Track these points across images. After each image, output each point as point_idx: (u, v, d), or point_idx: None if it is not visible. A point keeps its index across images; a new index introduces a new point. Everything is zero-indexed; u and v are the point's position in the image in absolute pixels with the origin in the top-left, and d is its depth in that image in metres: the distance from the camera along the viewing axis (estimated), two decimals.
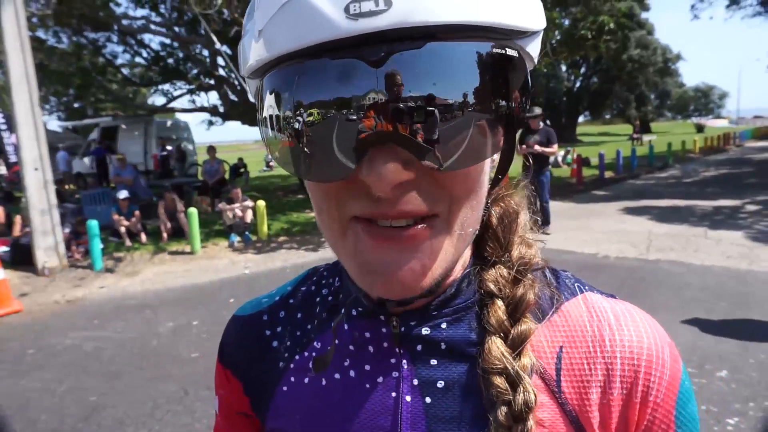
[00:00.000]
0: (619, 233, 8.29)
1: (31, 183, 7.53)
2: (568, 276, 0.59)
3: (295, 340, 0.61)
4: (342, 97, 0.40)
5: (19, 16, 7.27)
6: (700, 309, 4.87)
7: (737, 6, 24.91)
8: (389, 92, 0.39)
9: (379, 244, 0.45)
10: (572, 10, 12.90)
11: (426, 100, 0.40)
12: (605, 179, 15.78)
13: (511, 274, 0.53)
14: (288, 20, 0.40)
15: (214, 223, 10.24)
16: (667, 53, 42.66)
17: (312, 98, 0.41)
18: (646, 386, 0.51)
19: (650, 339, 0.52)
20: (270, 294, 0.69)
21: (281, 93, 0.43)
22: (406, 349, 0.53)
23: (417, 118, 0.40)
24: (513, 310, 0.52)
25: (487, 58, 0.41)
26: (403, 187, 0.43)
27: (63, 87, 16.37)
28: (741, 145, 33.25)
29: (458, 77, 0.40)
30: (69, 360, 4.51)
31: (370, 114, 0.40)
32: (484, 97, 0.41)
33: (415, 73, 0.39)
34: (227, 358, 0.67)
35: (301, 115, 0.42)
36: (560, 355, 0.52)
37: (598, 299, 0.55)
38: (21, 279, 7.26)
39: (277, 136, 0.45)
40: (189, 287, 6.66)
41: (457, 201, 0.46)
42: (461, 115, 0.41)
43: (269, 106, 0.45)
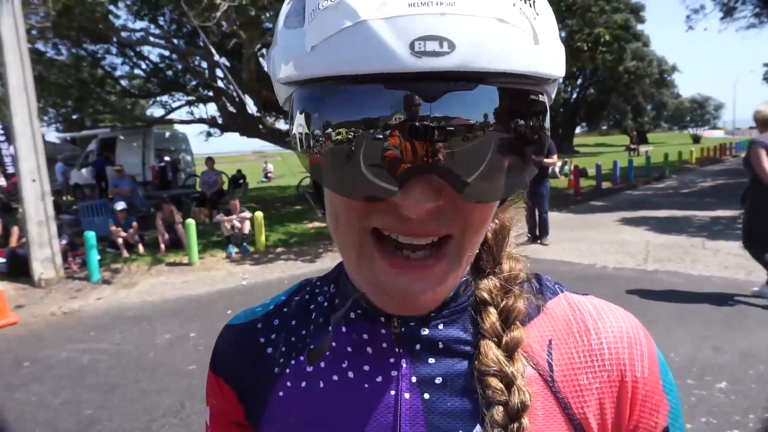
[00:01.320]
0: (616, 244, 8.30)
1: (29, 194, 7.52)
2: (548, 279, 0.63)
3: (290, 345, 0.62)
4: (389, 119, 0.42)
5: (18, 28, 7.31)
6: (699, 320, 4.86)
7: (731, 18, 25.14)
8: (436, 125, 0.41)
9: (392, 269, 0.48)
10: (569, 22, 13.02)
11: (468, 133, 0.42)
12: (603, 190, 15.82)
13: (502, 285, 0.57)
14: (349, 45, 0.41)
15: (211, 234, 10.23)
16: (663, 65, 42.91)
17: (357, 117, 0.43)
18: (633, 365, 0.55)
19: (627, 323, 0.57)
20: (264, 304, 0.69)
21: (325, 108, 0.44)
22: (406, 349, 0.55)
23: (457, 147, 0.42)
24: (505, 318, 0.55)
25: (526, 102, 0.45)
26: (433, 210, 0.46)
27: (61, 99, 16.40)
28: (737, 155, 33.39)
29: (499, 118, 0.43)
30: (65, 372, 4.47)
31: (415, 143, 0.42)
32: (517, 137, 0.44)
33: (463, 111, 0.42)
34: (220, 366, 0.66)
35: (345, 133, 0.43)
36: (550, 348, 0.55)
37: (576, 296, 0.61)
38: (17, 290, 7.23)
39: (316, 148, 0.46)
40: (186, 299, 6.63)
41: (471, 226, 0.49)
42: (496, 152, 0.43)
43: (306, 118, 0.46)
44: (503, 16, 0.41)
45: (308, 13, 0.44)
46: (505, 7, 0.41)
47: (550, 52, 0.45)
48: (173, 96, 18.77)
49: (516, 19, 0.41)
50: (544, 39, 0.44)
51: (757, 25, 25.18)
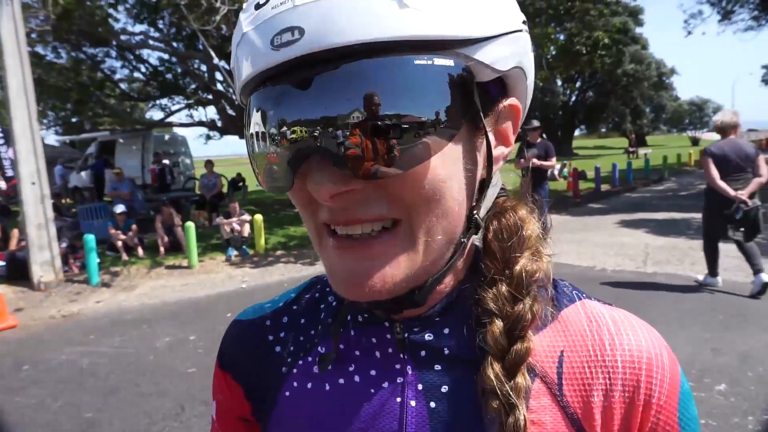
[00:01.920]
0: (616, 246, 8.31)
1: (29, 197, 7.52)
2: (566, 284, 0.60)
3: (299, 345, 0.62)
4: (281, 117, 0.45)
5: (18, 31, 7.32)
6: (698, 322, 4.87)
7: (729, 21, 25.22)
8: (316, 110, 0.43)
9: (341, 252, 0.48)
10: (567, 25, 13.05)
11: (348, 115, 0.43)
12: (601, 192, 15.85)
13: (510, 292, 0.53)
14: (240, 57, 0.47)
15: (211, 237, 10.23)
16: (661, 67, 43.07)
17: (264, 119, 0.47)
18: (649, 389, 0.51)
19: (649, 343, 0.53)
20: (273, 300, 0.69)
21: (250, 114, 0.49)
22: (410, 355, 0.54)
23: (341, 132, 0.43)
24: (510, 328, 0.51)
25: (406, 70, 0.43)
26: (350, 196, 0.46)
27: (61, 102, 16.41)
28: None
29: (381, 91, 0.42)
30: (64, 376, 4.47)
31: (297, 129, 0.44)
32: (404, 105, 0.43)
33: (337, 92, 0.42)
34: (227, 362, 0.66)
35: (254, 135, 0.48)
36: (561, 359, 0.53)
37: (596, 305, 0.56)
38: (16, 294, 7.22)
39: (252, 156, 0.51)
40: (186, 301, 6.63)
41: (415, 207, 0.47)
42: (384, 125, 0.43)
43: (246, 124, 0.51)
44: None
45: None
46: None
47: (436, 11, 0.42)
48: (173, 99, 18.78)
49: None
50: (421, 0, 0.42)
51: (755, 27, 25.26)
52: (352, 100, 0.42)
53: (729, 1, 24.09)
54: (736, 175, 5.38)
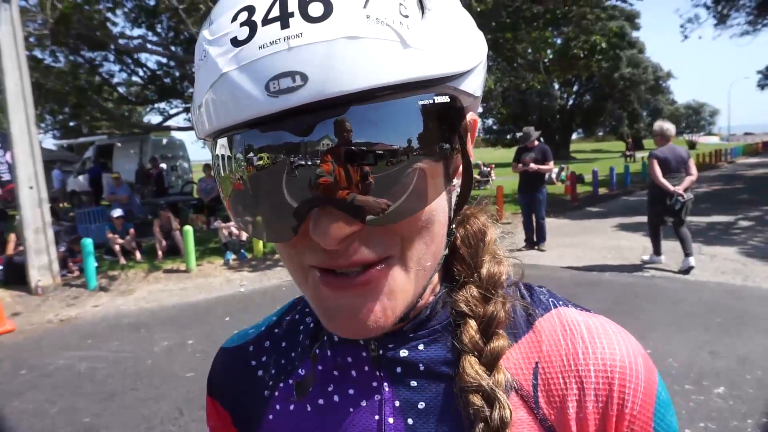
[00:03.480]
0: (614, 249, 8.32)
1: (26, 201, 7.51)
2: (542, 291, 0.59)
3: (280, 368, 0.62)
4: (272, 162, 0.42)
5: (16, 35, 7.32)
6: (696, 325, 4.88)
7: (725, 25, 25.36)
8: (319, 157, 0.41)
9: (334, 293, 0.47)
10: (564, 29, 13.10)
11: (354, 157, 0.41)
12: (599, 196, 15.88)
13: (481, 293, 0.54)
14: (218, 99, 0.43)
15: (209, 241, 10.22)
16: (658, 71, 43.26)
17: (246, 166, 0.44)
18: (621, 399, 0.51)
19: (623, 351, 0.53)
20: (257, 325, 0.70)
21: (224, 160, 0.46)
22: (387, 372, 0.54)
23: (349, 178, 0.42)
24: (485, 327, 0.53)
25: (414, 110, 0.42)
26: (351, 239, 0.44)
27: (59, 105, 16.39)
28: (733, 161, 33.59)
29: (386, 132, 0.42)
30: (62, 380, 4.45)
31: (306, 177, 0.42)
32: (413, 146, 0.43)
33: (343, 135, 0.41)
34: (216, 389, 0.68)
35: (244, 181, 0.45)
36: (536, 371, 0.52)
37: (572, 313, 0.56)
38: (14, 298, 7.20)
39: (227, 198, 0.48)
40: (184, 306, 6.61)
41: (409, 241, 0.47)
42: (393, 166, 0.42)
43: (220, 169, 0.47)
44: (353, 32, 0.40)
45: (195, 72, 0.47)
46: (356, 23, 0.40)
47: (435, 51, 0.43)
48: (171, 103, 18.78)
49: (371, 31, 0.40)
50: (423, 39, 0.42)
51: (750, 32, 25.42)
52: (368, 142, 0.41)
53: (725, 5, 24.23)
54: (674, 174, 6.54)
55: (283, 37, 0.40)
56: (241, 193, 0.46)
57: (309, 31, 0.39)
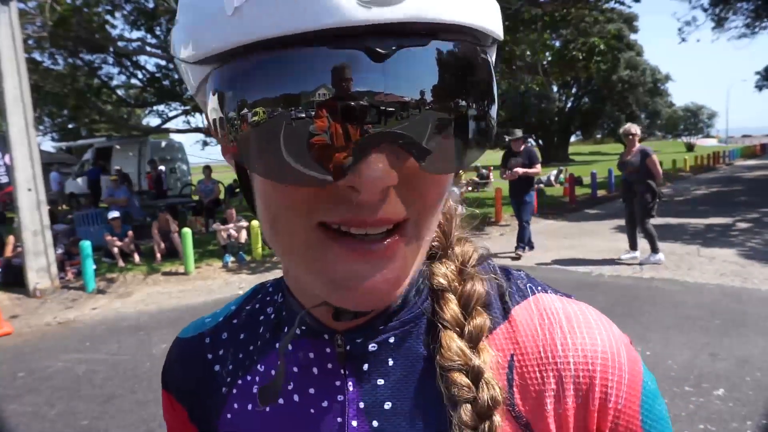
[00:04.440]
0: (612, 251, 8.32)
1: (24, 203, 7.49)
2: (520, 276, 0.55)
3: (238, 363, 0.58)
4: (335, 93, 0.36)
5: (15, 38, 7.32)
6: (696, 327, 4.88)
7: (723, 28, 25.45)
8: (388, 92, 0.36)
9: (350, 257, 0.41)
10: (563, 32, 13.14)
11: (424, 104, 0.37)
12: (598, 198, 15.89)
13: (459, 269, 0.52)
14: (286, 0, 0.35)
15: (208, 243, 10.20)
16: (656, 74, 43.38)
17: (297, 89, 0.36)
18: (604, 392, 0.47)
19: (605, 341, 0.49)
20: (214, 314, 0.65)
21: (250, 85, 0.37)
22: (352, 370, 0.50)
23: (414, 122, 0.37)
24: (465, 304, 0.49)
25: (478, 63, 0.40)
26: (385, 192, 0.40)
27: (57, 108, 16.40)
28: (731, 163, 33.66)
29: (455, 80, 0.39)
30: (60, 383, 4.44)
31: (360, 113, 0.36)
32: (476, 104, 0.40)
33: (418, 73, 0.37)
34: (170, 383, 0.63)
35: (283, 110, 0.37)
36: (511, 364, 0.48)
37: (550, 300, 0.52)
38: (12, 301, 7.18)
39: (250, 130, 0.38)
40: (183, 308, 6.60)
41: (429, 207, 0.44)
42: (452, 116, 0.39)
43: (231, 101, 0.39)
44: None
45: None
46: None
47: (491, 6, 0.41)
48: (170, 105, 18.80)
49: None
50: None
51: (748, 34, 25.50)
52: (438, 84, 0.38)
53: (722, 8, 24.31)
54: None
55: None
56: (273, 126, 0.37)
57: None
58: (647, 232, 7.27)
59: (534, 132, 39.78)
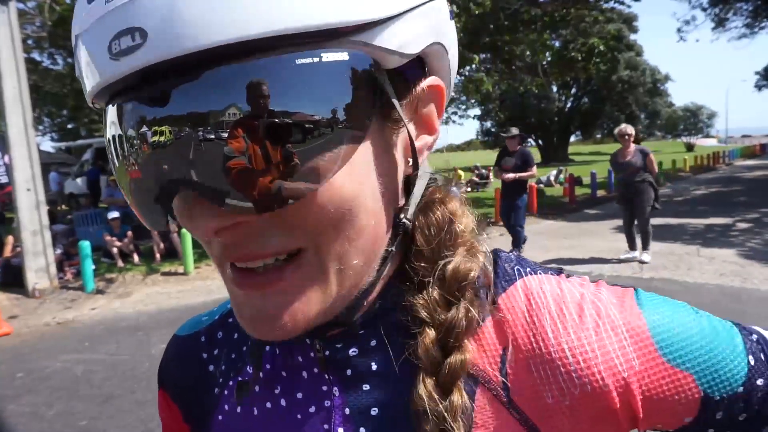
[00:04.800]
0: (612, 251, 8.32)
1: (24, 204, 7.49)
2: (509, 258, 0.51)
3: (230, 364, 0.57)
4: (130, 137, 0.37)
5: (14, 37, 7.31)
6: None
7: (723, 28, 25.48)
8: (175, 132, 0.35)
9: (242, 288, 0.42)
10: (563, 32, 13.15)
11: (208, 131, 0.35)
12: (597, 198, 15.89)
13: (442, 295, 0.46)
14: (80, 61, 0.39)
15: None
16: (655, 74, 43.42)
17: (111, 146, 0.40)
18: (612, 366, 0.43)
19: (594, 315, 0.45)
20: (211, 312, 0.64)
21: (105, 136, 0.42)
22: (336, 375, 0.48)
23: (210, 163, 0.35)
24: (443, 337, 0.45)
25: (287, 73, 0.35)
26: (241, 229, 0.38)
27: (57, 108, 16.40)
28: (731, 163, 33.70)
29: (254, 102, 0.35)
30: (59, 383, 4.43)
31: (161, 160, 0.37)
32: (286, 114, 0.35)
33: (204, 103, 0.35)
34: (166, 381, 0.63)
35: (114, 165, 0.41)
36: (504, 359, 0.45)
37: (539, 281, 0.48)
38: (11, 301, 7.17)
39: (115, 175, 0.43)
40: (182, 308, 6.59)
41: (321, 233, 0.40)
42: (256, 142, 0.35)
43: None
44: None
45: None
46: None
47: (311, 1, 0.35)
48: None
49: None
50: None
51: (748, 35, 25.53)
52: (226, 113, 0.35)
53: (722, 8, 24.33)
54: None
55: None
56: (117, 172, 0.41)
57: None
58: (647, 230, 7.34)
59: (534, 132, 39.83)
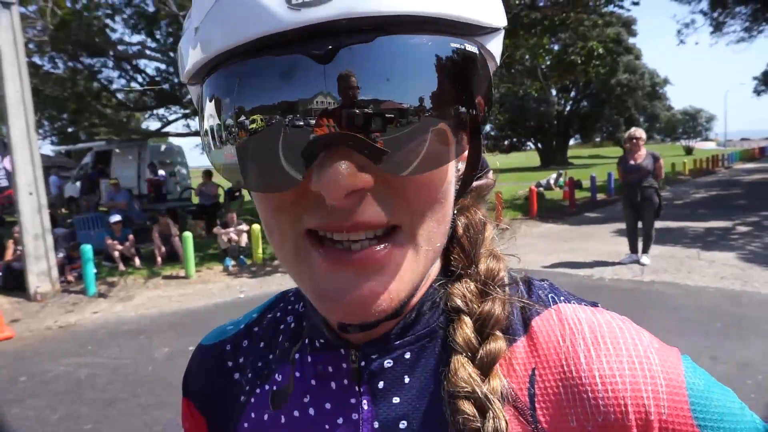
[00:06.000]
0: (613, 255, 8.33)
1: (26, 207, 7.49)
2: (543, 286, 0.53)
3: (257, 372, 0.57)
4: (287, 100, 0.37)
5: (17, 42, 7.33)
6: (696, 330, 4.89)
7: (721, 32, 25.56)
8: (340, 94, 0.36)
9: (332, 267, 0.41)
10: (562, 36, 13.18)
11: (380, 103, 0.37)
12: (597, 201, 15.91)
13: (478, 288, 0.49)
14: (225, 14, 0.37)
15: (208, 247, 10.20)
16: (654, 77, 43.48)
17: (254, 103, 0.38)
18: (641, 408, 0.43)
19: (631, 351, 0.45)
20: (236, 321, 0.65)
21: (221, 98, 0.39)
22: (367, 387, 0.49)
23: (370, 123, 0.37)
24: (481, 326, 0.47)
25: (445, 55, 0.38)
26: (359, 196, 0.39)
27: (57, 112, 16.39)
28: (730, 167, 33.72)
29: (414, 76, 0.37)
30: (62, 387, 4.43)
31: (319, 120, 0.37)
32: (442, 99, 0.38)
33: (368, 71, 0.36)
34: (191, 389, 0.63)
35: (242, 123, 0.38)
36: (533, 379, 0.46)
37: (572, 310, 0.49)
38: (12, 304, 7.17)
39: (219, 146, 0.41)
40: (184, 312, 6.60)
41: (420, 212, 0.42)
42: (418, 120, 0.37)
43: (209, 115, 0.41)
44: None
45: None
46: None
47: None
48: (169, 109, 18.80)
49: None
50: None
51: (746, 38, 25.61)
52: (392, 81, 0.36)
53: (721, 12, 24.41)
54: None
55: None
56: (240, 137, 0.40)
57: None
58: (651, 233, 7.47)
59: (533, 135, 39.87)
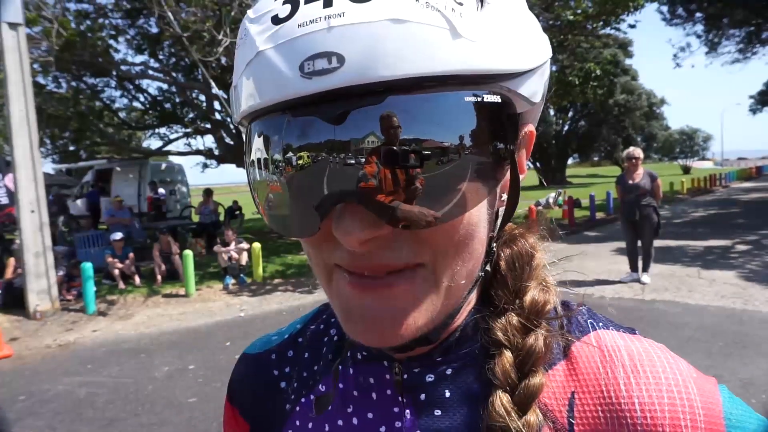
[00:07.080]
0: (613, 273, 8.33)
1: (27, 225, 7.51)
2: (581, 312, 0.54)
3: (302, 381, 0.60)
4: (302, 149, 0.40)
5: (23, 62, 7.43)
6: (698, 349, 4.88)
7: (716, 53, 25.90)
8: (353, 153, 0.38)
9: (358, 292, 0.44)
10: (560, 57, 13.36)
11: (390, 156, 0.38)
12: (597, 220, 15.95)
13: (521, 323, 0.50)
14: (252, 78, 0.41)
15: (208, 265, 10.19)
16: (651, 98, 43.90)
17: (276, 154, 0.42)
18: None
19: (670, 380, 0.46)
20: (280, 331, 0.68)
21: (252, 146, 0.44)
22: (410, 398, 0.51)
23: (380, 176, 0.39)
24: (522, 362, 0.48)
25: (454, 107, 0.39)
26: (378, 242, 0.41)
27: (60, 131, 16.49)
28: (728, 185, 33.88)
29: (427, 129, 0.38)
30: (62, 406, 4.40)
31: (333, 168, 0.39)
32: (453, 150, 0.39)
33: (378, 130, 0.38)
34: (236, 397, 0.65)
35: (271, 169, 0.43)
36: (572, 403, 0.47)
37: (612, 337, 0.50)
38: (12, 323, 7.13)
39: (255, 187, 0.46)
40: (184, 330, 6.57)
41: (443, 253, 0.43)
42: (431, 168, 0.39)
43: (249, 155, 0.46)
44: (399, 15, 0.37)
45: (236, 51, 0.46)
46: (403, 5, 0.37)
47: (488, 44, 0.39)
48: (171, 128, 18.93)
49: (419, 15, 0.37)
50: (476, 30, 0.39)
51: (741, 59, 25.94)
52: (405, 138, 0.38)
53: (715, 34, 24.77)
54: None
55: (324, 15, 0.37)
56: (270, 184, 0.44)
57: (352, 11, 0.37)
58: (651, 252, 7.58)
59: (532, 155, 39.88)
